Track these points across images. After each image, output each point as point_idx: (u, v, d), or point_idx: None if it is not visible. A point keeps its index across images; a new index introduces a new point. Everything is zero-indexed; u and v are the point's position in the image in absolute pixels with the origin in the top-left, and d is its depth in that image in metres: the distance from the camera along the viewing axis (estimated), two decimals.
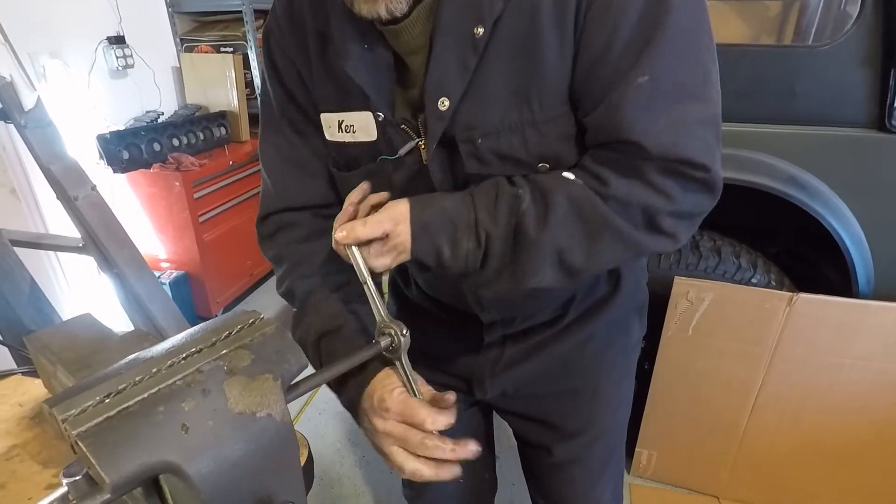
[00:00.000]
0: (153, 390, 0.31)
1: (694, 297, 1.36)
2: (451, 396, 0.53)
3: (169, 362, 0.33)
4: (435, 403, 0.52)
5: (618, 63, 0.51)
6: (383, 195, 0.58)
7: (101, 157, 2.22)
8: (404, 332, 0.52)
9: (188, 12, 2.81)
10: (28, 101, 1.02)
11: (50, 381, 0.48)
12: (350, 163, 0.65)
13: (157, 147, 2.35)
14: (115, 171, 2.21)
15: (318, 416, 1.96)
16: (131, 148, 2.25)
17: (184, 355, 0.34)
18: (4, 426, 0.59)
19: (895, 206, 1.30)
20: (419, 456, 0.50)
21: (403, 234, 0.53)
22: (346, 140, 0.63)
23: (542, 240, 0.53)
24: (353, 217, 0.55)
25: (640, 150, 0.51)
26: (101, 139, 2.17)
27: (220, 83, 2.74)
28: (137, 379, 0.32)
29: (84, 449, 0.28)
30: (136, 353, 0.36)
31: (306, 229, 0.69)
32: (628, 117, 0.50)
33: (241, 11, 2.65)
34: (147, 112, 2.60)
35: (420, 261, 0.55)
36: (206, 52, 2.79)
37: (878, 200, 1.30)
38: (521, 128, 0.55)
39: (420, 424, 0.50)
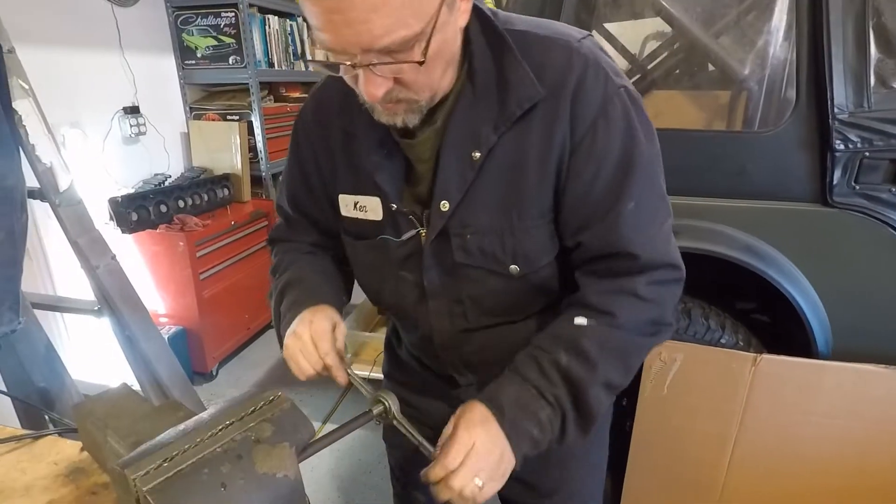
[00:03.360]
0: (199, 456, 0.41)
1: (666, 358, 1.45)
2: None
3: (210, 433, 0.43)
4: None
5: (606, 194, 0.65)
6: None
7: (111, 219, 2.34)
8: (393, 399, 0.62)
9: (198, 84, 3.03)
10: (63, 183, 1.15)
11: (96, 445, 0.57)
12: (359, 233, 0.79)
13: (163, 209, 2.48)
14: (123, 232, 2.33)
15: (311, 472, 2.00)
16: (140, 210, 2.38)
17: (220, 427, 0.44)
18: (42, 483, 0.67)
19: (845, 273, 1.43)
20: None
21: (506, 454, 0.62)
22: (359, 217, 0.76)
23: (593, 380, 0.64)
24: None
25: (632, 259, 0.65)
26: (113, 202, 2.31)
27: (226, 148, 2.92)
28: (186, 447, 0.42)
29: (151, 502, 0.37)
30: (182, 425, 0.45)
31: (308, 247, 0.88)
32: (624, 235, 0.65)
33: (247, 84, 2.87)
34: (156, 174, 2.75)
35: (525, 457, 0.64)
36: (213, 120, 2.99)
37: (829, 268, 1.43)
38: (501, 232, 0.68)
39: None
